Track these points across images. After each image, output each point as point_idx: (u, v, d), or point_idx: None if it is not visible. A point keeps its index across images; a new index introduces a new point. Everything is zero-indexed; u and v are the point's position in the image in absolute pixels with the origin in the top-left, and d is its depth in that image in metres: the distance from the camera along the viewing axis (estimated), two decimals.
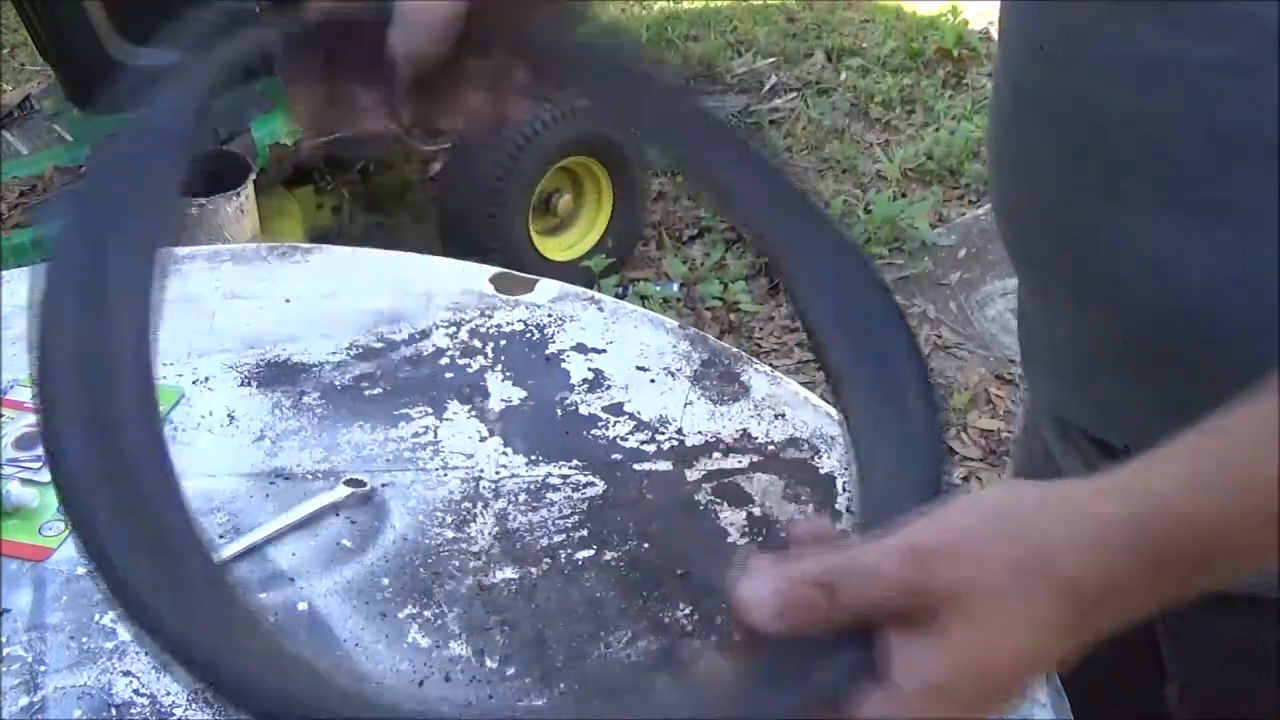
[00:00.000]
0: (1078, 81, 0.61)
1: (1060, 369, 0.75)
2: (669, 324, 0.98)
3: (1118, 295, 0.63)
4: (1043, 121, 0.65)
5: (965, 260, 2.74)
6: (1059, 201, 0.65)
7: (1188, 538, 0.47)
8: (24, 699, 0.65)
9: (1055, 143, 0.64)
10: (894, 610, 0.46)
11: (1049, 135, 0.65)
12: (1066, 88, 0.62)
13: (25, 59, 3.76)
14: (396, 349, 0.94)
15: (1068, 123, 0.63)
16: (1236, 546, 0.47)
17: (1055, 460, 0.75)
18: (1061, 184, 0.64)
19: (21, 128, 2.46)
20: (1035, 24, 0.64)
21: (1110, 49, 0.59)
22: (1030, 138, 0.67)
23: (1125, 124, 0.59)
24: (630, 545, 0.76)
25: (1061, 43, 0.62)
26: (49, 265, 0.48)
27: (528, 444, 0.85)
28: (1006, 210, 0.72)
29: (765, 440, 0.85)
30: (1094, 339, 0.68)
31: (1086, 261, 0.64)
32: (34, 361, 0.47)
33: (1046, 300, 0.73)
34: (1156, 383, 0.65)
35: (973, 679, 0.45)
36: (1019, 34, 0.66)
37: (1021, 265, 0.73)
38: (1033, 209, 0.68)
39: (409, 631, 0.70)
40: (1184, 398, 0.64)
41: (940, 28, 3.78)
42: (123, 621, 0.42)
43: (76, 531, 0.42)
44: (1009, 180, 0.70)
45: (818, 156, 3.25)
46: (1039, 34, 0.64)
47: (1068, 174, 0.64)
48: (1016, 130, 0.68)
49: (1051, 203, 0.66)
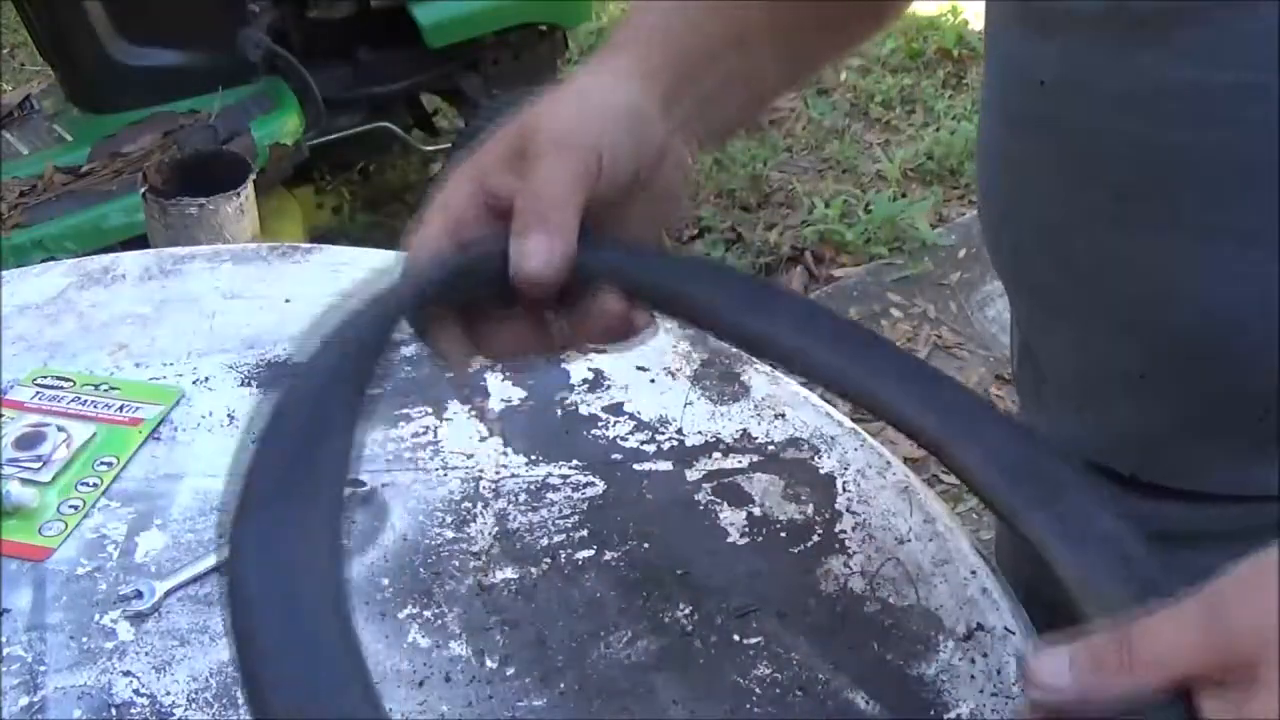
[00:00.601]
0: (1084, 114, 0.61)
1: (1064, 399, 0.74)
2: (669, 324, 0.98)
3: (1131, 321, 0.63)
4: (1044, 152, 0.64)
5: (965, 260, 2.73)
6: (1066, 230, 0.64)
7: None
8: (24, 699, 0.65)
9: (1060, 173, 0.64)
10: (1201, 670, 0.43)
11: (1053, 166, 0.64)
12: (1072, 120, 0.61)
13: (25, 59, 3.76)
14: (396, 349, 0.94)
15: (1074, 154, 0.62)
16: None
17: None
18: (1068, 213, 0.64)
19: (21, 128, 2.45)
20: (1032, 58, 0.63)
21: (1119, 81, 0.58)
22: (1030, 169, 0.66)
23: (1136, 152, 0.59)
24: (630, 545, 0.76)
25: (1065, 76, 0.61)
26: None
27: (528, 444, 0.85)
28: (1006, 242, 0.71)
29: (765, 440, 0.85)
30: (1104, 366, 0.68)
31: (1097, 288, 0.64)
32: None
33: (1051, 329, 0.72)
34: (1170, 408, 0.65)
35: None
36: (1012, 67, 0.66)
37: (1023, 296, 0.72)
38: (1035, 239, 0.68)
39: (409, 631, 0.70)
40: (1199, 420, 0.64)
41: (940, 28, 3.78)
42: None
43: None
44: (1007, 212, 0.69)
45: (818, 156, 3.25)
46: (1037, 68, 0.63)
47: (1074, 203, 0.63)
48: (1016, 162, 0.68)
49: (1057, 232, 0.65)
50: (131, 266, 1.04)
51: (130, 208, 2.20)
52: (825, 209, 2.90)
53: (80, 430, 0.84)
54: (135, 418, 0.86)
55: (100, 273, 1.03)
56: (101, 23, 2.37)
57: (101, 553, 0.75)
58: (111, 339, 0.94)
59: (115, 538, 0.76)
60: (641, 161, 0.61)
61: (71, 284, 1.01)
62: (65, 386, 0.88)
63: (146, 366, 0.91)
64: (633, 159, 0.60)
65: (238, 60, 2.43)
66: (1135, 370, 0.65)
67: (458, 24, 2.65)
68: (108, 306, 0.98)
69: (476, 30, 2.69)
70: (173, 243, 1.78)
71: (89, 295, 1.00)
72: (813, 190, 3.05)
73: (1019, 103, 0.66)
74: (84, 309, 0.98)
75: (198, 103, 2.43)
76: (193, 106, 2.43)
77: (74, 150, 2.36)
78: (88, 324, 0.96)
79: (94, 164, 2.32)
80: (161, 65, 2.43)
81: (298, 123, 2.48)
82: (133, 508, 0.79)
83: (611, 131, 0.59)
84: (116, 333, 0.95)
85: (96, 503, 0.79)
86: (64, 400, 0.87)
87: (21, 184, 2.28)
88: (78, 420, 0.85)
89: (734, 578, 0.74)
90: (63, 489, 0.80)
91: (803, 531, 0.78)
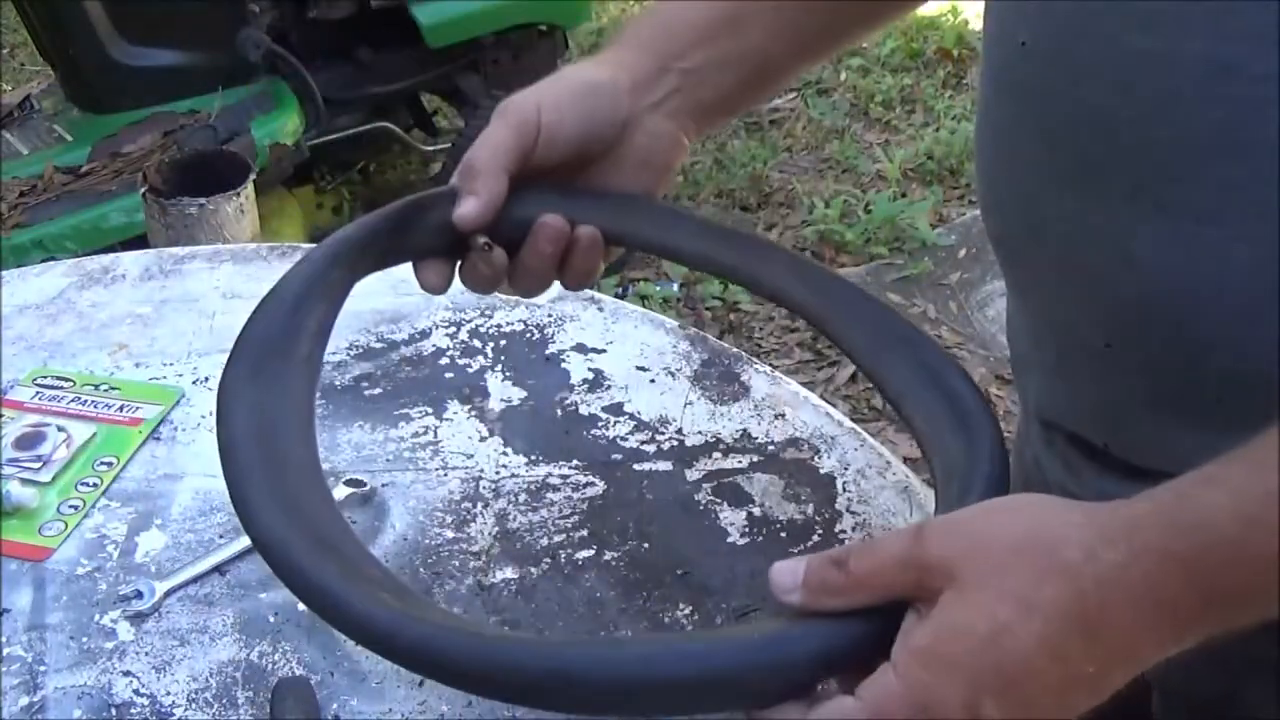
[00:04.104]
0: (1055, 77, 0.61)
1: (1043, 365, 0.75)
2: (669, 324, 0.98)
3: (1096, 290, 0.63)
4: (1022, 116, 0.65)
5: (965, 260, 2.73)
6: (1040, 196, 0.65)
7: (1231, 558, 0.46)
8: (24, 699, 0.65)
9: (1034, 137, 0.64)
10: (905, 590, 0.50)
11: (1028, 130, 0.65)
12: (1045, 83, 0.62)
13: (25, 59, 3.76)
14: (396, 349, 0.94)
15: (1046, 118, 0.63)
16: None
17: (1043, 469, 0.75)
18: (1041, 179, 0.64)
19: (21, 128, 2.46)
20: (1015, 20, 0.64)
21: (1087, 47, 0.59)
22: (1010, 132, 0.67)
23: (1103, 120, 0.59)
24: (630, 545, 0.76)
25: (1040, 39, 0.62)
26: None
27: (528, 444, 0.85)
28: (991, 204, 0.72)
29: (765, 440, 0.85)
30: (1074, 334, 0.68)
31: (1066, 256, 0.64)
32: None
33: (1029, 296, 0.73)
34: (1134, 379, 0.65)
35: (960, 644, 0.47)
36: (1000, 30, 0.67)
37: (1005, 260, 0.73)
38: (1014, 203, 0.68)
39: None
40: (1162, 395, 0.64)
41: (940, 28, 3.78)
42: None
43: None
44: (992, 174, 0.70)
45: (818, 156, 3.25)
46: (1018, 30, 0.64)
47: (1046, 168, 0.64)
48: (998, 124, 0.68)
49: (1033, 197, 0.66)
50: (131, 266, 1.04)
51: (130, 208, 2.20)
52: (825, 209, 2.90)
53: (80, 430, 0.84)
54: (135, 418, 0.86)
55: (100, 273, 1.03)
56: (101, 23, 2.37)
57: (101, 553, 0.75)
58: (111, 339, 0.94)
59: (115, 538, 0.76)
60: (592, 129, 0.71)
61: (71, 284, 1.01)
62: (65, 386, 0.88)
63: (146, 366, 0.92)
64: (577, 125, 0.71)
65: (238, 60, 2.43)
66: (1100, 340, 0.65)
67: (458, 24, 2.65)
68: (108, 306, 0.98)
69: (476, 30, 2.70)
70: (173, 243, 1.78)
71: (89, 295, 1.00)
72: (813, 190, 3.05)
73: (1002, 63, 0.66)
74: (84, 309, 0.98)
75: (198, 103, 2.43)
76: (193, 106, 2.43)
77: (74, 150, 2.36)
78: (88, 324, 0.96)
79: (94, 164, 2.33)
80: (161, 65, 2.43)
81: (298, 123, 2.48)
82: (133, 508, 0.79)
83: (554, 104, 0.70)
84: (116, 333, 0.95)
85: (96, 503, 0.79)
86: (64, 400, 0.87)
87: (21, 184, 2.28)
88: (78, 420, 0.85)
89: (734, 578, 0.74)
90: (63, 489, 0.80)
91: (803, 531, 0.78)
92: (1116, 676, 0.48)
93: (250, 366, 0.63)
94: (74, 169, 2.32)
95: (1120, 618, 0.46)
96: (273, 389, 0.62)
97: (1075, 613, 0.46)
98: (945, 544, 0.49)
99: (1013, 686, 0.46)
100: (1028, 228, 0.67)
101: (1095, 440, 0.70)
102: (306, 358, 0.64)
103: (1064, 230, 0.64)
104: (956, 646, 0.47)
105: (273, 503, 0.58)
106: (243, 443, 0.60)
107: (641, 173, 0.74)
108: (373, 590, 0.55)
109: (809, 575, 0.52)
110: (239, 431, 0.60)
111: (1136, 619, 0.46)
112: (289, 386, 0.63)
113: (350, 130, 2.70)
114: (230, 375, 0.62)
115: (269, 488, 0.58)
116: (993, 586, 0.47)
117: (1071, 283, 0.65)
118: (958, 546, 0.49)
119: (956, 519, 0.52)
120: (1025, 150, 0.65)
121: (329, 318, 0.67)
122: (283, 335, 0.64)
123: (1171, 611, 0.47)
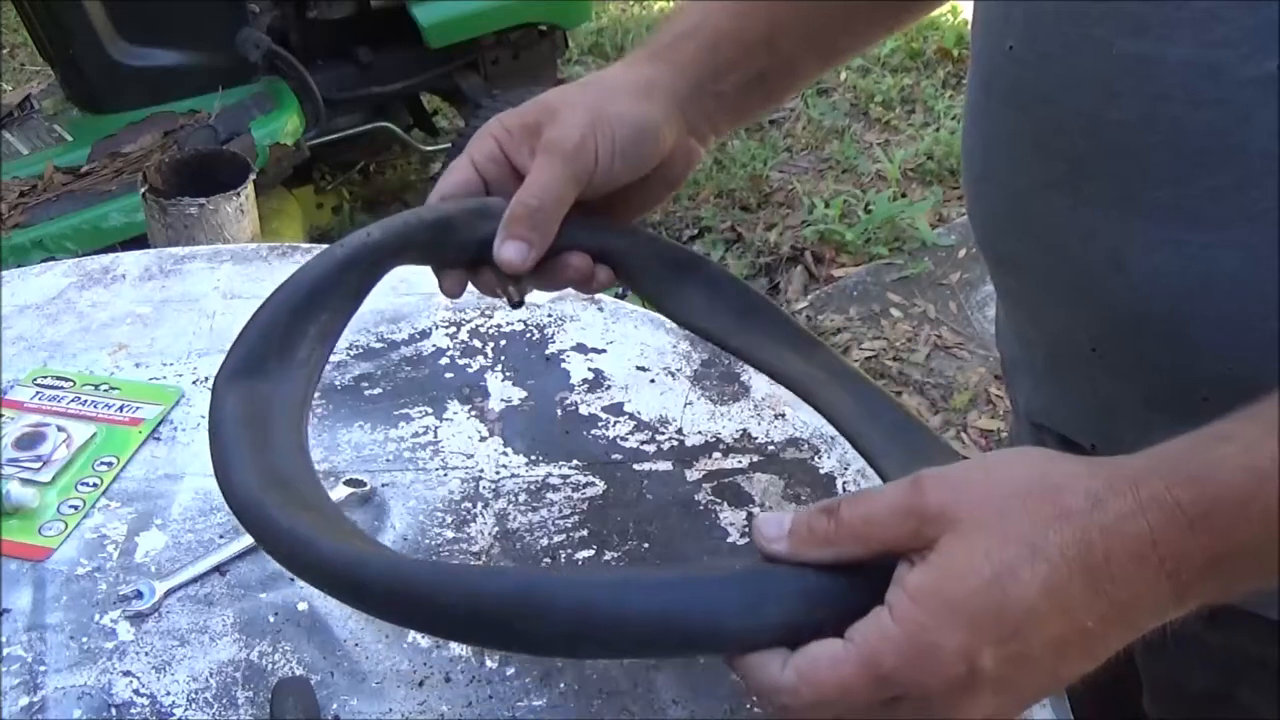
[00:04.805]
0: (1043, 81, 0.61)
1: (1032, 368, 0.75)
2: (669, 324, 0.98)
3: (1085, 294, 0.63)
4: (1011, 120, 0.65)
5: (965, 260, 2.73)
6: (1028, 199, 0.65)
7: (1239, 512, 0.46)
8: (24, 699, 0.65)
9: (1022, 142, 0.64)
10: (899, 541, 0.47)
11: (1016, 135, 0.65)
12: (1033, 87, 0.62)
13: (25, 59, 3.77)
14: (396, 349, 0.94)
15: (1035, 122, 0.63)
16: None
17: None
18: (1030, 182, 0.64)
19: (21, 128, 2.46)
20: (1003, 23, 0.64)
21: (1075, 52, 0.59)
22: (999, 137, 0.67)
23: (1090, 125, 0.59)
24: (630, 545, 0.76)
25: (1027, 44, 0.62)
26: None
27: (528, 444, 0.85)
28: (979, 208, 0.72)
29: (765, 440, 0.85)
30: (1063, 338, 0.68)
31: (1055, 259, 0.64)
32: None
33: (1018, 300, 0.73)
34: (1123, 383, 0.65)
35: (963, 585, 0.45)
36: (989, 32, 0.67)
37: (993, 264, 0.73)
38: (1003, 206, 0.68)
39: (409, 631, 0.70)
40: (1150, 398, 0.64)
41: (940, 28, 3.78)
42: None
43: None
44: (980, 177, 0.70)
45: (818, 156, 3.25)
46: (1005, 35, 0.64)
47: (1036, 172, 0.64)
48: (986, 129, 0.68)
49: (1021, 200, 0.66)
50: (131, 266, 1.04)
51: (130, 208, 2.20)
52: (825, 209, 2.90)
53: (80, 430, 0.84)
54: (135, 418, 0.86)
55: (100, 273, 1.03)
56: (101, 23, 2.37)
57: (101, 553, 0.75)
58: (111, 339, 0.94)
59: (115, 538, 0.76)
60: (638, 169, 0.70)
61: (71, 284, 1.01)
62: (65, 386, 0.88)
63: (146, 366, 0.92)
64: (628, 171, 0.70)
65: (238, 60, 2.43)
66: (1087, 342, 0.65)
67: (458, 24, 2.65)
68: (108, 306, 0.98)
69: (476, 30, 2.70)
70: (173, 243, 1.78)
71: (89, 295, 1.00)
72: (813, 190, 3.05)
73: (991, 66, 0.66)
74: (84, 309, 0.98)
75: (198, 103, 2.43)
76: (193, 106, 2.43)
77: (74, 150, 2.36)
78: (88, 324, 0.96)
79: (94, 164, 2.33)
80: (161, 65, 2.44)
81: (298, 123, 2.48)
82: (133, 508, 0.79)
83: (608, 149, 0.68)
84: (116, 333, 0.95)
85: (96, 503, 0.79)
86: (64, 400, 0.87)
87: (21, 184, 2.28)
88: (78, 420, 0.85)
89: None
90: (63, 489, 0.80)
91: None
92: (1113, 638, 0.47)
93: (246, 364, 0.62)
94: (74, 169, 2.32)
95: (1124, 570, 0.45)
96: (267, 383, 0.62)
97: (1081, 560, 0.45)
98: (945, 491, 0.47)
99: (1013, 636, 0.45)
100: (1016, 233, 0.67)
101: (1084, 442, 0.70)
102: (305, 360, 0.64)
103: (1052, 233, 0.64)
104: (958, 587, 0.45)
105: (255, 473, 0.57)
106: (231, 424, 0.59)
107: (660, 187, 0.74)
108: (349, 539, 0.53)
109: (796, 523, 0.49)
110: (228, 413, 0.59)
111: (1140, 572, 0.45)
112: (285, 383, 0.63)
113: (350, 130, 2.71)
114: (224, 371, 0.62)
115: (252, 462, 0.57)
116: (997, 530, 0.45)
117: (1060, 287, 0.65)
118: (958, 493, 0.47)
119: (955, 468, 0.49)
120: (1014, 155, 0.65)
121: (337, 323, 0.67)
122: (283, 336, 0.64)
123: (1175, 567, 0.45)
